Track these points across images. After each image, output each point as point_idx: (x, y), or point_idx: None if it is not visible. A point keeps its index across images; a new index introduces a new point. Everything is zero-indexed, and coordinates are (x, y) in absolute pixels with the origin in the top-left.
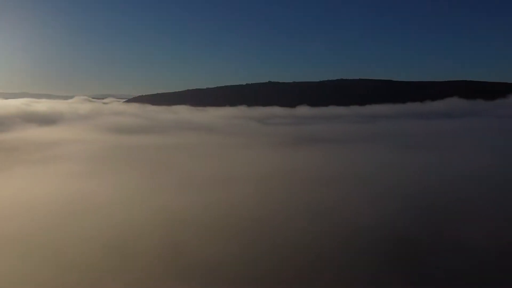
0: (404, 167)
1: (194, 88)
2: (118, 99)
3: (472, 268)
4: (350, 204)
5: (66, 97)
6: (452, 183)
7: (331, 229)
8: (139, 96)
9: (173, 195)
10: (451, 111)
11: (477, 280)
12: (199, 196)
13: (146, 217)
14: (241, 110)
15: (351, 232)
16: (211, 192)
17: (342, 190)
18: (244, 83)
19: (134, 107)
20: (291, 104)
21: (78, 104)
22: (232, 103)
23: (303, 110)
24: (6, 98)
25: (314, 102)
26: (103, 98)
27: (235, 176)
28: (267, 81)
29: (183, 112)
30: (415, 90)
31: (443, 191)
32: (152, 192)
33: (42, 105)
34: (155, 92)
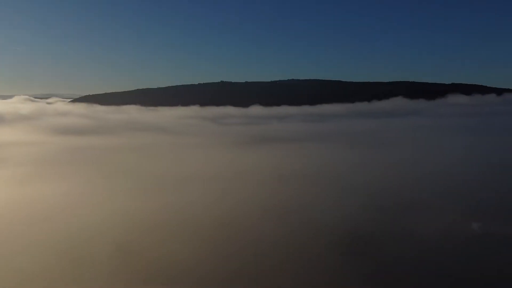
0: (355, 164)
1: (145, 87)
2: (63, 99)
3: (422, 257)
4: (307, 201)
5: (4, 97)
6: (400, 178)
7: (287, 226)
8: (86, 95)
9: (128, 197)
10: (396, 110)
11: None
12: (155, 197)
13: (102, 222)
14: (194, 110)
15: (308, 229)
16: (168, 194)
17: (298, 188)
18: (196, 82)
19: (81, 107)
20: (244, 103)
21: (18, 104)
22: (185, 103)
23: (256, 109)
24: None
25: (267, 101)
26: (46, 98)
27: (192, 177)
28: (219, 81)
29: (134, 112)
30: (362, 90)
31: (393, 186)
32: (106, 196)
33: None
34: (103, 92)
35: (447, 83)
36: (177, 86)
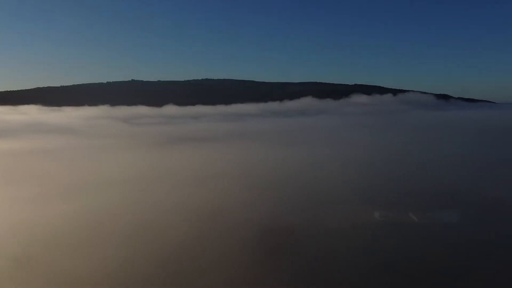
0: (272, 162)
1: (46, 86)
2: None
3: (340, 250)
4: (227, 201)
5: None
6: (313, 174)
7: (208, 226)
8: None
9: (29, 207)
10: (307, 110)
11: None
12: (62, 205)
13: (2, 234)
14: (103, 110)
15: (229, 228)
16: (77, 200)
17: (217, 187)
18: (104, 81)
19: None
20: (158, 103)
21: None
22: (92, 102)
23: (170, 109)
24: None
25: (181, 101)
26: None
27: (103, 181)
28: (130, 79)
29: (34, 112)
30: (274, 90)
31: (308, 183)
32: (5, 206)
33: None
34: None
35: (350, 83)
36: (83, 84)
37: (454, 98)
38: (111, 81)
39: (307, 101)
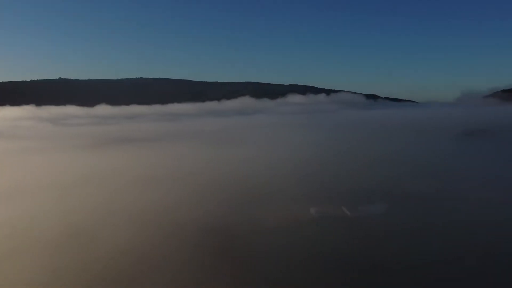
0: (211, 161)
1: None
2: None
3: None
4: (167, 202)
5: None
6: (252, 173)
7: (147, 231)
8: None
9: None
10: (244, 109)
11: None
12: None
13: None
14: (27, 110)
15: (168, 231)
16: (1, 209)
17: (157, 189)
18: (28, 79)
19: None
20: (89, 103)
21: None
22: (15, 102)
23: (103, 109)
24: None
25: (114, 101)
26: None
27: (30, 188)
28: (57, 77)
29: None
30: (212, 90)
31: (246, 181)
32: None
33: None
34: None
35: (285, 84)
36: (4, 82)
37: (382, 98)
38: (35, 79)
39: (244, 101)
